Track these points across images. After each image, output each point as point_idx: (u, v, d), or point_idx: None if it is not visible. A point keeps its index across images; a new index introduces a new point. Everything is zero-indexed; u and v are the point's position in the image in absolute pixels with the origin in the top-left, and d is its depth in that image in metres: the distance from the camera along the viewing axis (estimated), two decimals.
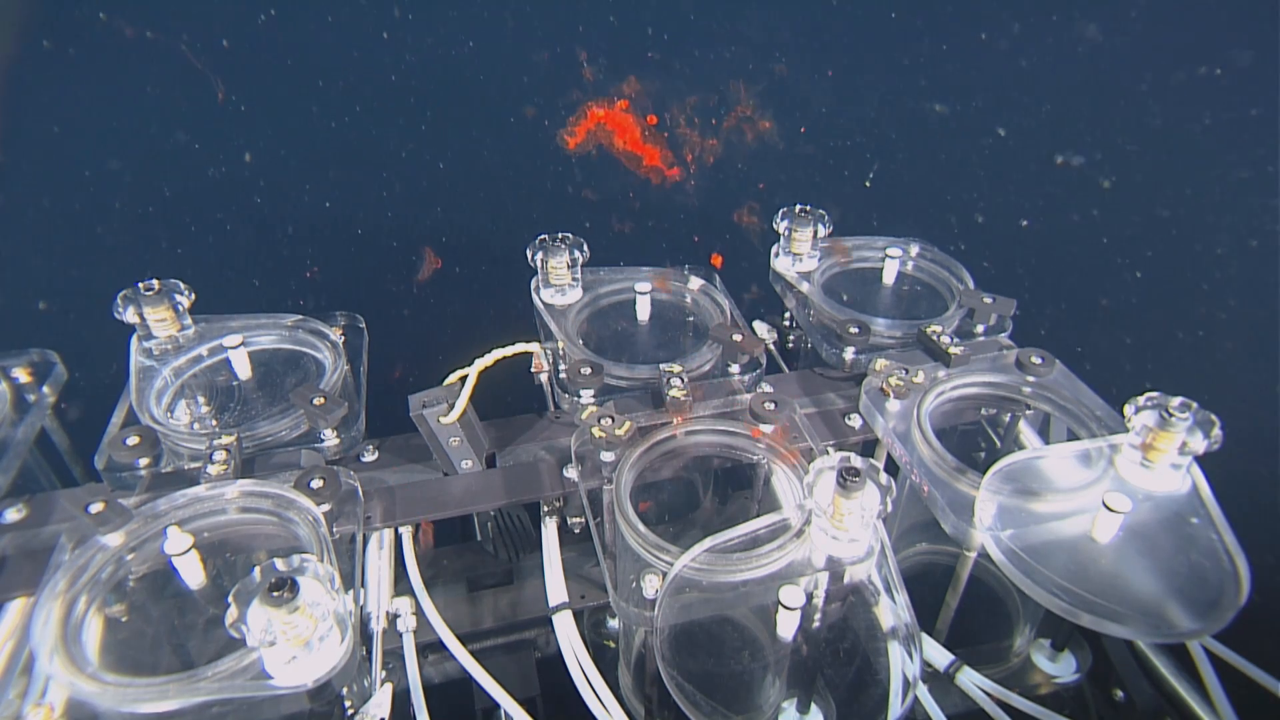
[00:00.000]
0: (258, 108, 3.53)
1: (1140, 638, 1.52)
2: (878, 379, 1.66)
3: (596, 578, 1.62)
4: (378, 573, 1.46)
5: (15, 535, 1.46)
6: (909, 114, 3.73)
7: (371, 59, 3.55)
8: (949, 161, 3.80)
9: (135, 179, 3.47)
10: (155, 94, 3.41)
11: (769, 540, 1.27)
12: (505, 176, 3.69)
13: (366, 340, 1.85)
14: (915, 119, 3.71)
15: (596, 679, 1.37)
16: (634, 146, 2.35)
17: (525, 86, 3.53)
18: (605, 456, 1.44)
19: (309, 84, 3.55)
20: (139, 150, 3.45)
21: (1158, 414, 1.35)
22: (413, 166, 3.76)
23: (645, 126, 2.39)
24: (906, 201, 3.86)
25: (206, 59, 3.37)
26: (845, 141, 3.76)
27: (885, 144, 3.79)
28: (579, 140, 2.34)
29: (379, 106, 3.63)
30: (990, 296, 1.84)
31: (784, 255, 2.02)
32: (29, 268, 3.39)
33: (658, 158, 2.27)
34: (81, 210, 3.44)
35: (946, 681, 1.46)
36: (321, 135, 3.63)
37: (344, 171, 3.71)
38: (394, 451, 1.67)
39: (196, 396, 1.66)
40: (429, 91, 3.63)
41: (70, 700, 1.09)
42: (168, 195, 3.53)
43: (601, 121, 2.25)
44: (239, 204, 3.64)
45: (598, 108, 2.36)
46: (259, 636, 1.02)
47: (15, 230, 3.38)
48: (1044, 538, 1.30)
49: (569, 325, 1.80)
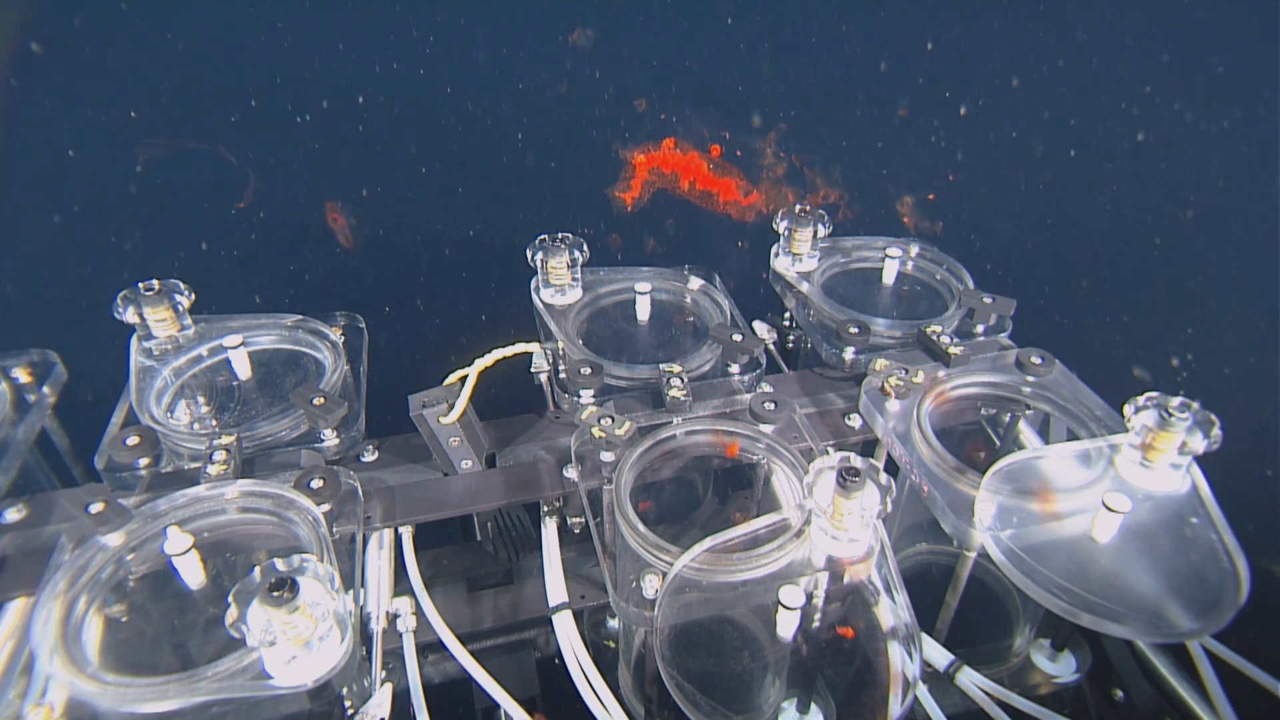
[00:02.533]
0: (258, 107, 3.53)
1: (1140, 638, 1.52)
2: (878, 379, 1.66)
3: (596, 578, 1.62)
4: (378, 573, 1.46)
5: (15, 535, 1.46)
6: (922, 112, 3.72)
7: (372, 64, 3.56)
8: (951, 161, 3.80)
9: (136, 179, 3.47)
10: (156, 94, 3.41)
11: (769, 540, 1.27)
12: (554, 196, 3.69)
13: (366, 340, 1.85)
14: (937, 116, 3.71)
15: (596, 679, 1.37)
16: (705, 184, 2.19)
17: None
18: (605, 456, 1.44)
19: (310, 85, 3.55)
20: (139, 150, 3.45)
21: (1157, 414, 1.35)
22: (414, 167, 3.76)
23: (710, 159, 2.26)
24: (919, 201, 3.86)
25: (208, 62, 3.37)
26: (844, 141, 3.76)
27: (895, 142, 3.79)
28: (635, 194, 2.21)
29: (381, 108, 3.63)
30: (990, 296, 1.84)
31: (784, 255, 2.03)
32: (29, 268, 3.39)
33: (733, 189, 2.14)
34: (82, 210, 3.44)
35: (946, 681, 1.46)
36: (323, 135, 3.64)
37: (345, 172, 3.71)
38: (394, 451, 1.67)
39: (196, 396, 1.66)
40: (434, 100, 3.64)
41: (70, 700, 1.09)
42: (168, 195, 3.53)
43: (657, 165, 2.08)
44: (240, 204, 3.64)
45: (640, 153, 2.24)
46: (259, 636, 1.02)
47: (15, 230, 3.38)
48: (1044, 538, 1.30)
49: (569, 325, 1.80)
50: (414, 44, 3.54)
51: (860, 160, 3.67)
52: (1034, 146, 3.66)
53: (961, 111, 3.65)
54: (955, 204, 3.82)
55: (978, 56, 3.63)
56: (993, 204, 3.78)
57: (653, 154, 2.23)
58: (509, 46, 3.60)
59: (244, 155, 3.55)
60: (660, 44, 3.63)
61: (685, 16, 3.63)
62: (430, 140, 3.72)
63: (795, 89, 3.62)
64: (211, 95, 3.45)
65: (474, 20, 3.55)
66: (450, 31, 3.55)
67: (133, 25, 3.28)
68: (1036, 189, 3.73)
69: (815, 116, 3.61)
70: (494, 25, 3.57)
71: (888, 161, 3.71)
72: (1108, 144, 3.58)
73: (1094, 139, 3.60)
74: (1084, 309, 3.65)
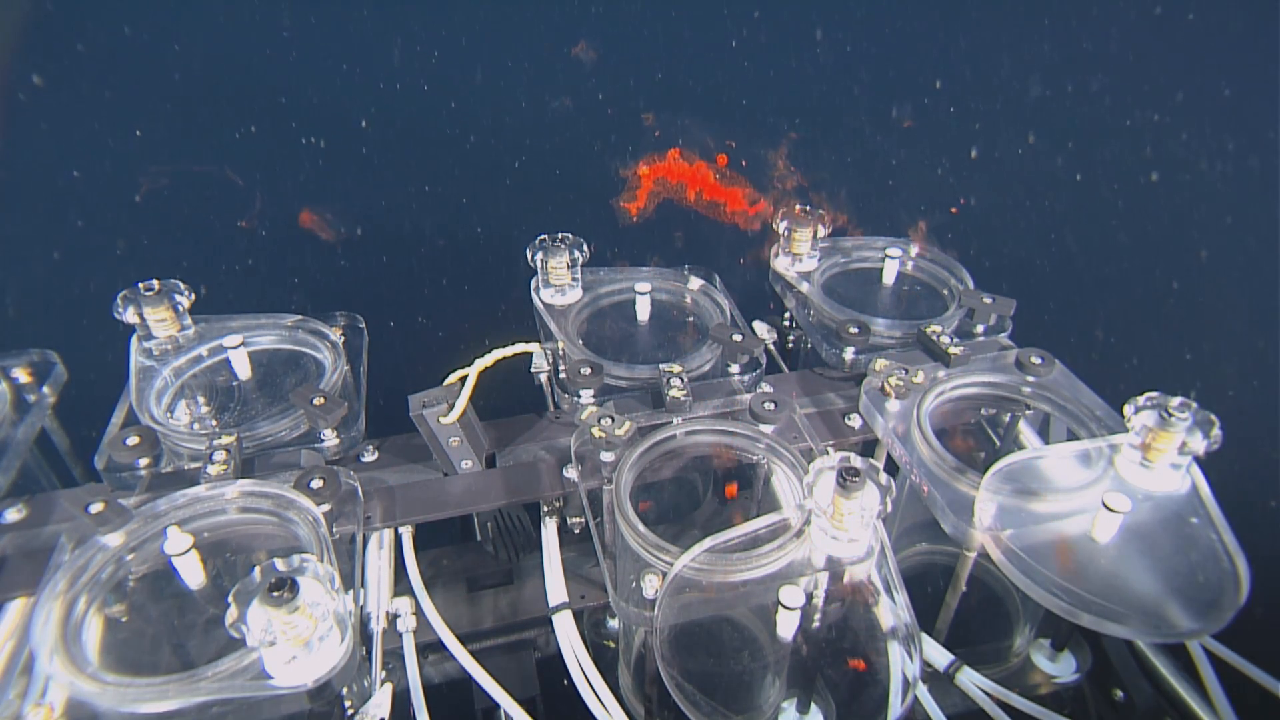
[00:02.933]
0: (261, 107, 3.53)
1: (1140, 638, 1.52)
2: (878, 379, 1.66)
3: (596, 578, 1.62)
4: (378, 573, 1.46)
5: (15, 535, 1.46)
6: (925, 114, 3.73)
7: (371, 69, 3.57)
8: (954, 162, 3.80)
9: (136, 179, 3.47)
10: (157, 95, 3.41)
11: (769, 540, 1.27)
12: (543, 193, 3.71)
13: (366, 340, 1.85)
14: (932, 119, 3.72)
15: (596, 679, 1.37)
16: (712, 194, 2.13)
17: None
18: (605, 456, 1.44)
19: (313, 86, 3.55)
20: (140, 151, 3.45)
21: (1157, 414, 1.35)
22: (414, 167, 3.76)
23: (717, 169, 2.21)
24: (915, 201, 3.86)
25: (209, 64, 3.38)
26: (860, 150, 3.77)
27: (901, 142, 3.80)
28: (640, 205, 2.16)
29: (381, 111, 3.64)
30: (990, 296, 1.84)
31: (783, 255, 2.02)
32: (29, 268, 3.39)
33: (741, 199, 2.09)
34: (82, 210, 3.44)
35: (946, 681, 1.46)
36: (323, 136, 3.64)
37: (345, 171, 3.71)
38: (394, 451, 1.67)
39: (196, 396, 1.66)
40: (438, 113, 3.66)
41: (70, 700, 1.09)
42: (169, 196, 3.53)
43: (662, 176, 2.02)
44: (240, 204, 3.64)
45: (645, 165, 2.20)
46: (259, 636, 1.02)
47: (16, 230, 3.38)
48: (1044, 538, 1.30)
49: (569, 325, 1.80)
50: (417, 59, 3.55)
51: (868, 176, 3.70)
52: (1039, 153, 3.66)
53: (976, 127, 3.66)
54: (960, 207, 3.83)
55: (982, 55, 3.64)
56: (994, 205, 3.78)
57: (657, 164, 2.22)
58: (513, 59, 3.61)
59: (249, 161, 3.56)
60: (665, 55, 3.67)
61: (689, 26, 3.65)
62: (433, 149, 3.72)
63: (801, 102, 3.66)
64: (217, 106, 3.46)
65: (477, 36, 3.57)
66: (453, 47, 3.57)
67: (137, 34, 3.28)
68: (1037, 191, 3.74)
69: (822, 131, 3.64)
70: (497, 40, 3.59)
71: (895, 175, 3.75)
72: (1113, 151, 3.58)
73: (1096, 138, 3.60)
74: (1084, 309, 3.65)
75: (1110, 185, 3.63)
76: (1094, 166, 3.64)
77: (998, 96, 3.70)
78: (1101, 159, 3.63)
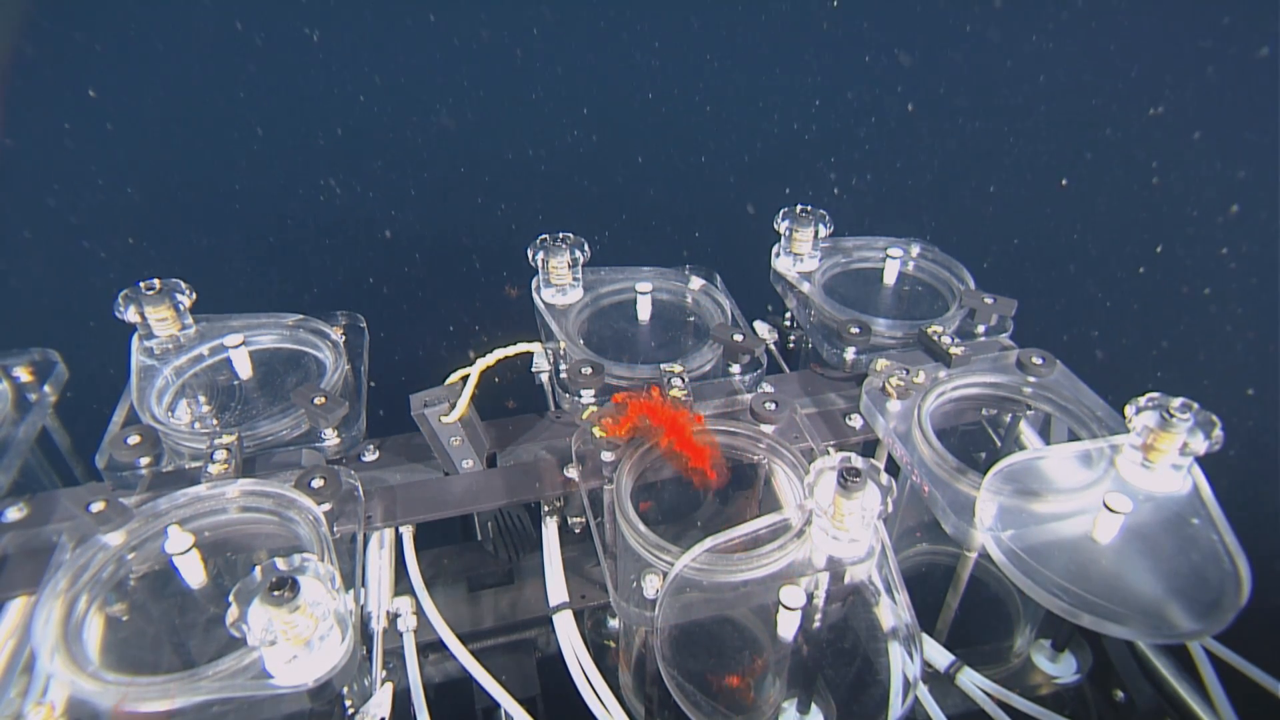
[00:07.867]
0: (263, 106, 3.53)
1: (1141, 638, 1.52)
2: (878, 379, 1.66)
3: (597, 577, 1.62)
4: (378, 572, 1.46)
5: (16, 534, 1.46)
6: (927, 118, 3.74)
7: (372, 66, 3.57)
8: (956, 162, 3.81)
9: (136, 180, 3.47)
10: (156, 95, 3.42)
11: (769, 540, 1.27)
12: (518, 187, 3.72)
13: (367, 340, 1.85)
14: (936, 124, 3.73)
15: (597, 679, 1.37)
16: None
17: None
18: (605, 456, 1.44)
19: (315, 83, 3.56)
20: (140, 151, 3.46)
21: (1158, 415, 1.34)
22: (415, 168, 3.76)
23: None
24: (913, 200, 3.87)
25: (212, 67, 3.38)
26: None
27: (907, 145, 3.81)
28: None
29: (383, 112, 3.64)
30: (991, 296, 1.84)
31: (784, 255, 2.02)
32: (29, 268, 3.39)
33: None
34: (83, 210, 3.44)
35: (947, 682, 1.46)
36: (323, 136, 3.64)
37: (346, 171, 3.71)
38: (395, 451, 1.67)
39: (197, 396, 1.67)
40: (437, 104, 3.66)
41: (71, 699, 1.09)
42: (169, 195, 3.53)
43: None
44: (241, 203, 3.64)
45: None
46: (259, 636, 1.02)
47: (16, 230, 3.38)
48: (1044, 538, 1.30)
49: (569, 325, 1.80)
50: (418, 59, 3.56)
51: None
52: (1040, 154, 3.66)
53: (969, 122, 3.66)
54: (958, 205, 3.83)
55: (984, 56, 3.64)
56: (994, 203, 3.78)
57: None
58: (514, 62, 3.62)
59: (249, 161, 3.56)
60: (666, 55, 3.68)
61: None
62: (434, 148, 3.72)
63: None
64: (219, 105, 3.46)
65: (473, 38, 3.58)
66: (453, 47, 3.58)
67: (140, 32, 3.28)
68: (1038, 191, 3.74)
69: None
70: (498, 42, 3.60)
71: (896, 176, 3.76)
72: (1113, 152, 3.58)
73: (1099, 146, 3.60)
74: (1084, 309, 3.65)
75: (1111, 185, 3.63)
76: (1095, 167, 3.64)
77: (998, 96, 3.70)
78: (1103, 159, 3.63)
